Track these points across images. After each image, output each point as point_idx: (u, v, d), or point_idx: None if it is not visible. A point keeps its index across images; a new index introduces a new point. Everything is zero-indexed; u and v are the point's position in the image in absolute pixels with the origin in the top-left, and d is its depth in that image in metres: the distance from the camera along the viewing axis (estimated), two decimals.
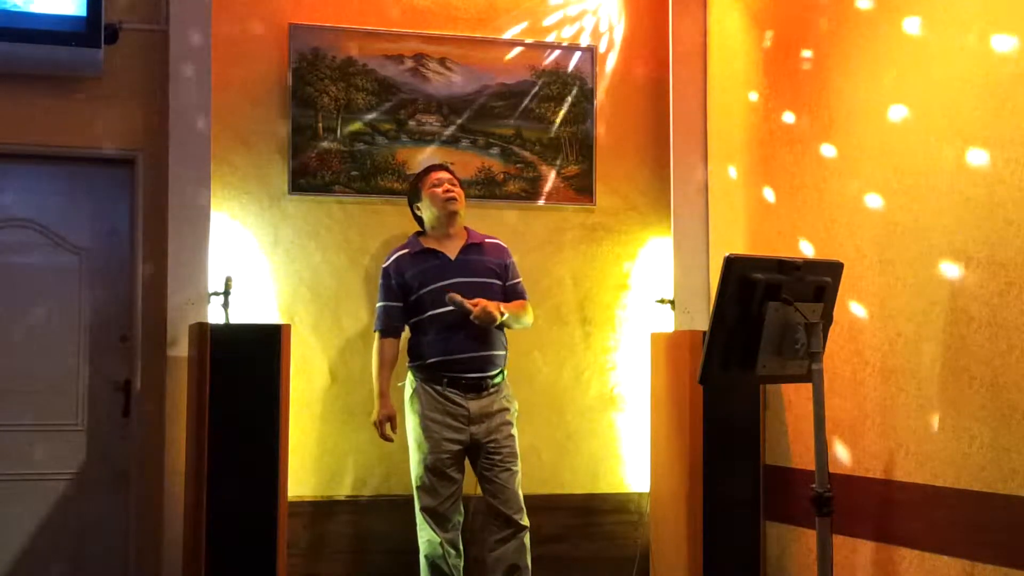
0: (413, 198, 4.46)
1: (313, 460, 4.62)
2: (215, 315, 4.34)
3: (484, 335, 4.24)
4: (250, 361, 4.05)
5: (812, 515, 3.08)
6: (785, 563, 4.38)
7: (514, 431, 4.32)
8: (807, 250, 4.21)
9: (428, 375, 4.26)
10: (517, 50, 4.93)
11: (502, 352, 4.31)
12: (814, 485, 3.07)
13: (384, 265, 4.39)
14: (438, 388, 4.24)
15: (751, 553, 4.39)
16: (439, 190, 4.35)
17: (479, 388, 4.24)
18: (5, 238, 4.45)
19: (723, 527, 4.34)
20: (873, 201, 3.90)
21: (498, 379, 4.30)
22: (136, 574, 4.42)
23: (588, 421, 4.94)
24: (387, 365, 4.34)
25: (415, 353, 4.32)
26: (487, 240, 4.45)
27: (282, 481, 4.05)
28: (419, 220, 4.46)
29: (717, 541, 4.33)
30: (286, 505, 4.08)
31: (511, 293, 4.40)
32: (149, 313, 4.44)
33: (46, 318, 4.45)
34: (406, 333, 4.40)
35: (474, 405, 4.23)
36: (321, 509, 4.61)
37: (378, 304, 4.39)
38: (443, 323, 4.23)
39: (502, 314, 4.23)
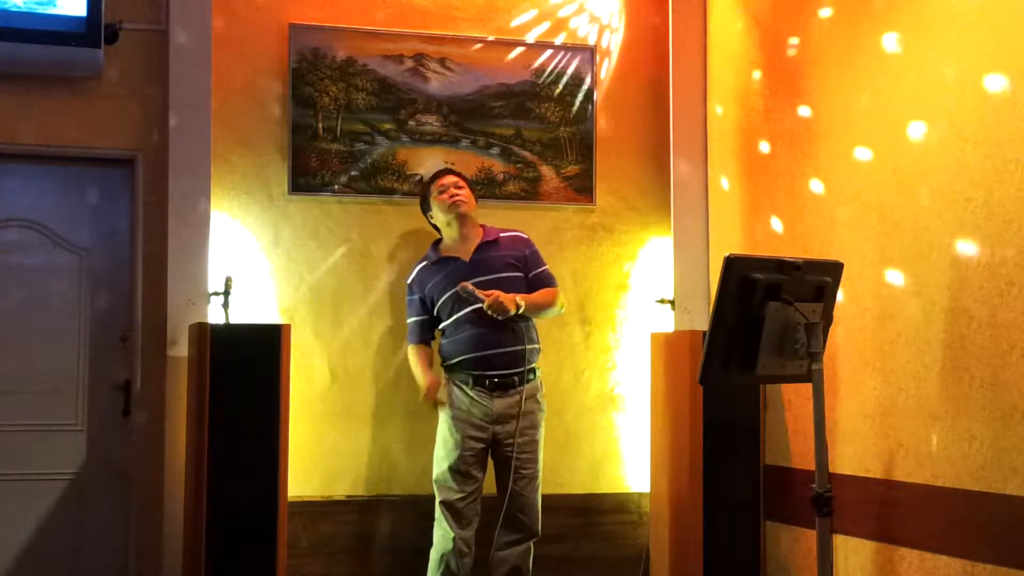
0: (424, 208, 4.49)
1: (313, 460, 4.61)
2: (215, 315, 4.34)
3: (509, 330, 4.22)
4: (250, 361, 4.05)
5: (812, 515, 3.08)
6: (785, 563, 4.38)
7: (538, 436, 4.31)
8: (807, 250, 4.20)
9: (455, 373, 4.29)
10: (517, 50, 4.93)
11: (530, 347, 4.27)
12: (814, 485, 3.07)
13: (408, 280, 4.44)
14: (464, 387, 4.25)
15: (751, 553, 4.39)
16: (445, 196, 4.36)
17: (505, 386, 4.23)
18: (5, 238, 4.45)
19: (723, 527, 4.34)
20: (873, 201, 3.90)
21: (530, 377, 4.29)
22: (136, 574, 4.42)
23: (588, 421, 4.94)
24: (423, 358, 4.38)
25: (444, 353, 4.35)
26: (503, 234, 4.43)
27: (282, 481, 4.05)
28: (437, 228, 4.47)
29: (717, 541, 4.33)
30: (286, 505, 4.08)
31: (535, 282, 4.37)
32: (149, 313, 4.44)
33: (46, 318, 4.45)
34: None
35: (499, 403, 4.23)
36: (321, 509, 4.61)
37: (408, 320, 4.43)
38: (467, 324, 4.24)
39: (518, 306, 4.21)
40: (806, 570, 4.26)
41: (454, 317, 4.27)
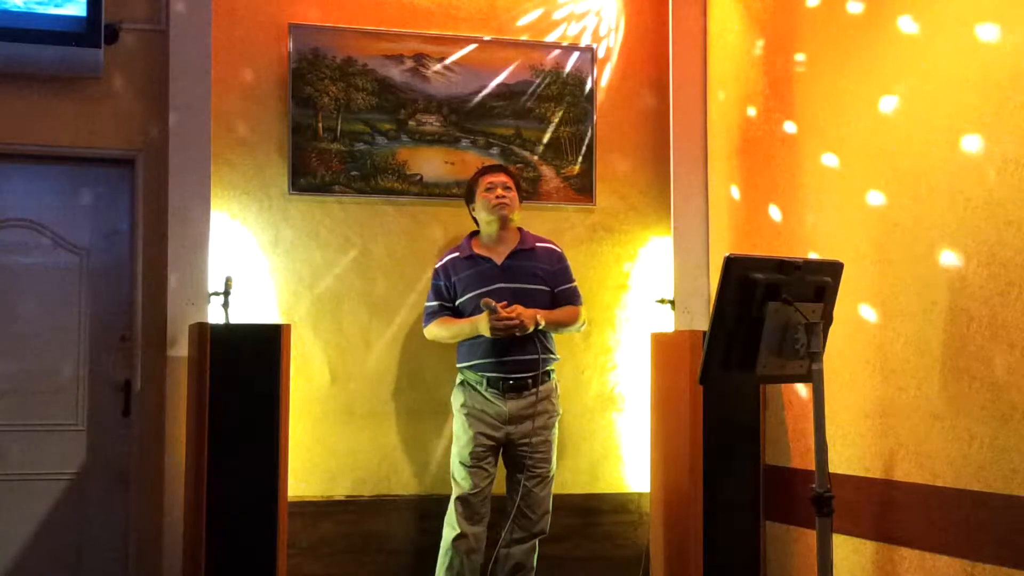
0: (468, 199, 4.49)
1: (313, 460, 4.62)
2: (215, 315, 4.34)
3: (525, 338, 4.23)
4: (250, 361, 4.05)
5: (812, 515, 3.07)
6: (785, 563, 4.38)
7: (551, 437, 4.33)
8: (807, 250, 4.21)
9: (468, 375, 4.32)
10: (517, 50, 4.93)
11: (546, 356, 4.29)
12: (814, 485, 3.07)
13: (437, 266, 4.45)
14: (478, 388, 4.28)
15: (751, 553, 4.39)
16: (491, 195, 4.37)
17: (520, 389, 4.26)
18: (5, 238, 4.45)
19: (723, 527, 4.34)
20: (873, 201, 3.90)
21: (545, 380, 4.31)
22: (136, 574, 4.42)
23: (588, 421, 4.94)
24: (449, 318, 4.34)
25: (460, 353, 4.37)
26: (539, 244, 4.45)
27: (282, 481, 4.05)
28: (475, 221, 4.49)
29: (717, 541, 4.33)
30: (286, 505, 4.08)
31: (560, 299, 4.40)
32: (149, 313, 4.44)
33: (46, 318, 4.45)
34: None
35: (512, 405, 4.25)
36: (321, 509, 4.61)
37: (428, 303, 4.43)
38: None
39: (537, 324, 4.22)
40: (806, 570, 4.26)
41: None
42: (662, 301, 4.89)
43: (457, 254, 4.42)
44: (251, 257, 4.61)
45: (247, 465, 4.01)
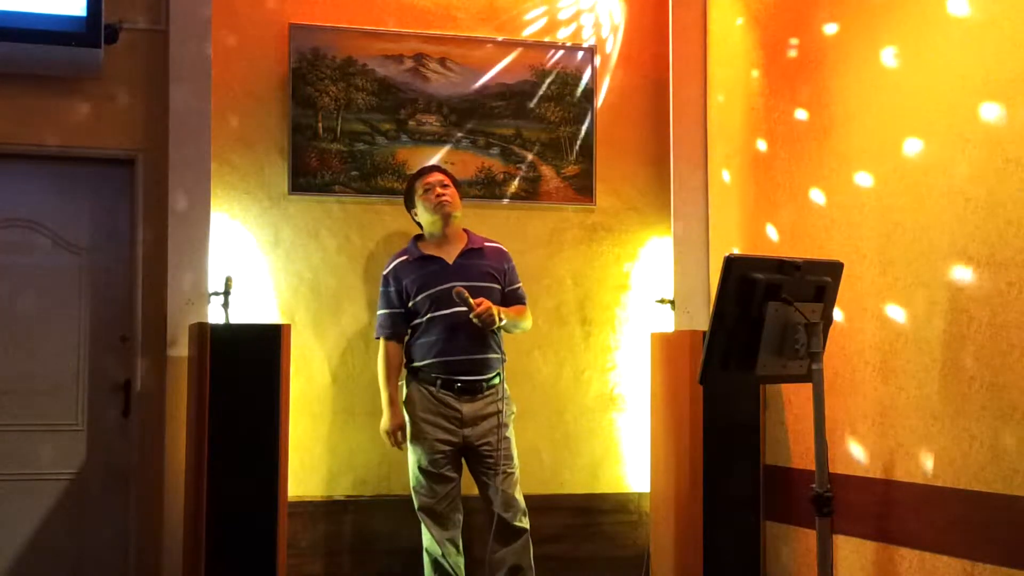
0: (408, 204, 4.46)
1: (313, 460, 4.62)
2: (215, 315, 4.34)
3: (479, 338, 4.23)
4: (250, 361, 4.05)
5: (812, 515, 3.08)
6: (785, 563, 4.38)
7: (509, 434, 4.30)
8: (807, 250, 4.20)
9: (422, 376, 4.26)
10: (517, 50, 4.93)
11: (497, 356, 4.29)
12: (814, 485, 3.07)
13: (384, 272, 4.37)
14: (431, 389, 4.24)
15: (751, 553, 4.39)
16: (431, 195, 4.34)
17: (473, 391, 4.23)
18: (5, 238, 4.45)
19: (723, 527, 4.34)
20: (873, 201, 3.90)
21: (494, 381, 4.29)
22: (136, 574, 4.42)
23: (588, 421, 4.94)
24: (394, 372, 4.31)
25: (410, 354, 4.31)
26: (487, 244, 4.43)
27: (282, 481, 4.05)
28: (419, 224, 4.46)
29: (717, 541, 4.33)
30: (286, 505, 4.08)
31: (511, 298, 4.39)
32: (149, 313, 4.44)
33: (46, 318, 4.45)
34: None
35: (467, 408, 4.22)
36: (321, 509, 4.61)
37: (380, 312, 4.37)
38: (440, 326, 4.23)
39: (500, 319, 4.22)
40: (806, 570, 4.26)
41: (428, 316, 4.25)
42: (662, 301, 4.90)
43: (405, 257, 4.35)
44: (251, 257, 4.61)
45: (247, 465, 4.01)
